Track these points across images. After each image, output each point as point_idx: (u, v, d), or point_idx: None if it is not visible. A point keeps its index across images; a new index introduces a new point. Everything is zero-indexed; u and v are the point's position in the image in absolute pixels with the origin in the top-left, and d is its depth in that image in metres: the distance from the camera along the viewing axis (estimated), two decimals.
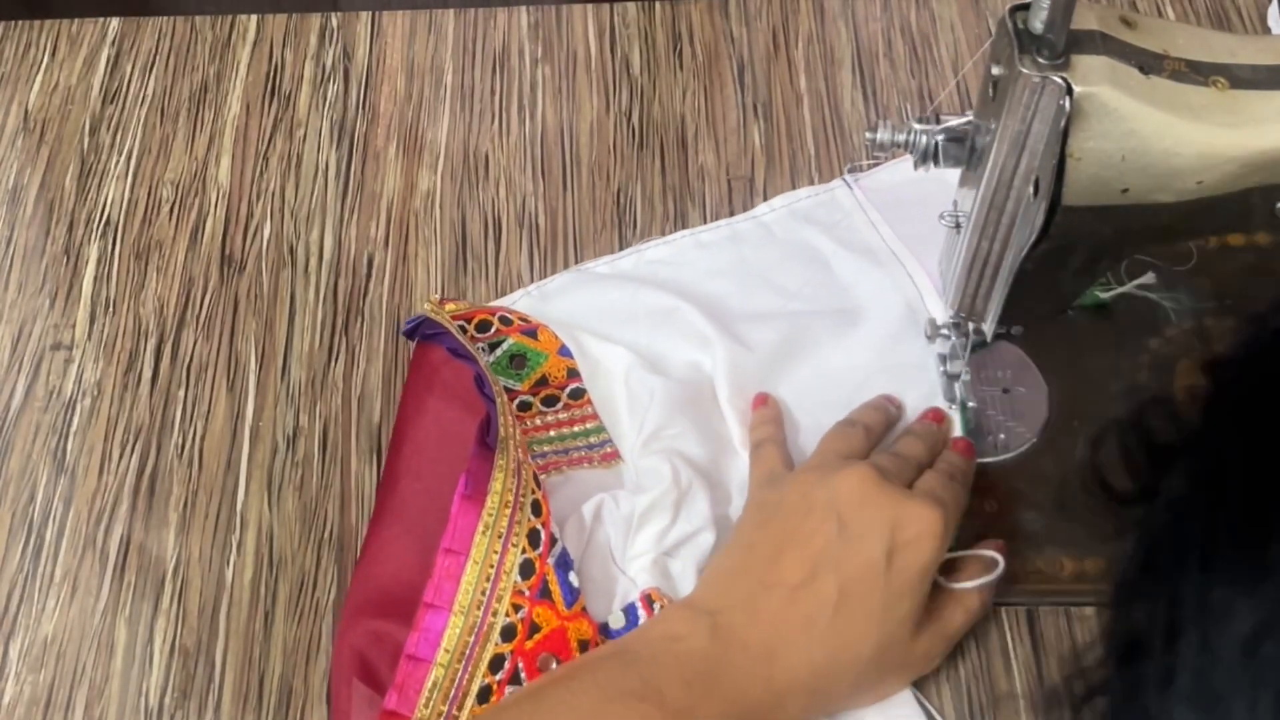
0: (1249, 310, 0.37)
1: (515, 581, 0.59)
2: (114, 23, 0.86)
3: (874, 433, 0.64)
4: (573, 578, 0.60)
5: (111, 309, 0.74)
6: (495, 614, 0.59)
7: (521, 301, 0.72)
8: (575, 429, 0.68)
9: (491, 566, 0.59)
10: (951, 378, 0.66)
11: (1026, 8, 0.51)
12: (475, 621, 0.58)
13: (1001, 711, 0.61)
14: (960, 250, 0.59)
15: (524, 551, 0.60)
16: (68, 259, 0.76)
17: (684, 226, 0.76)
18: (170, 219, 0.77)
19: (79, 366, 0.72)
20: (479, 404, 0.64)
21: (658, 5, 0.86)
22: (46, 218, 0.78)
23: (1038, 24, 0.51)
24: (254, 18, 0.86)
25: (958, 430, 0.66)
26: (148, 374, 0.72)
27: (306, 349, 0.72)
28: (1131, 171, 0.52)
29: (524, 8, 0.86)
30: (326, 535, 0.66)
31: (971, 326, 0.63)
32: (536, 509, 0.61)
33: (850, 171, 0.76)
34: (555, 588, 0.60)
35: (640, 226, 0.76)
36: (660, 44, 0.84)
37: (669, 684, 0.54)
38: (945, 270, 0.62)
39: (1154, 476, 0.36)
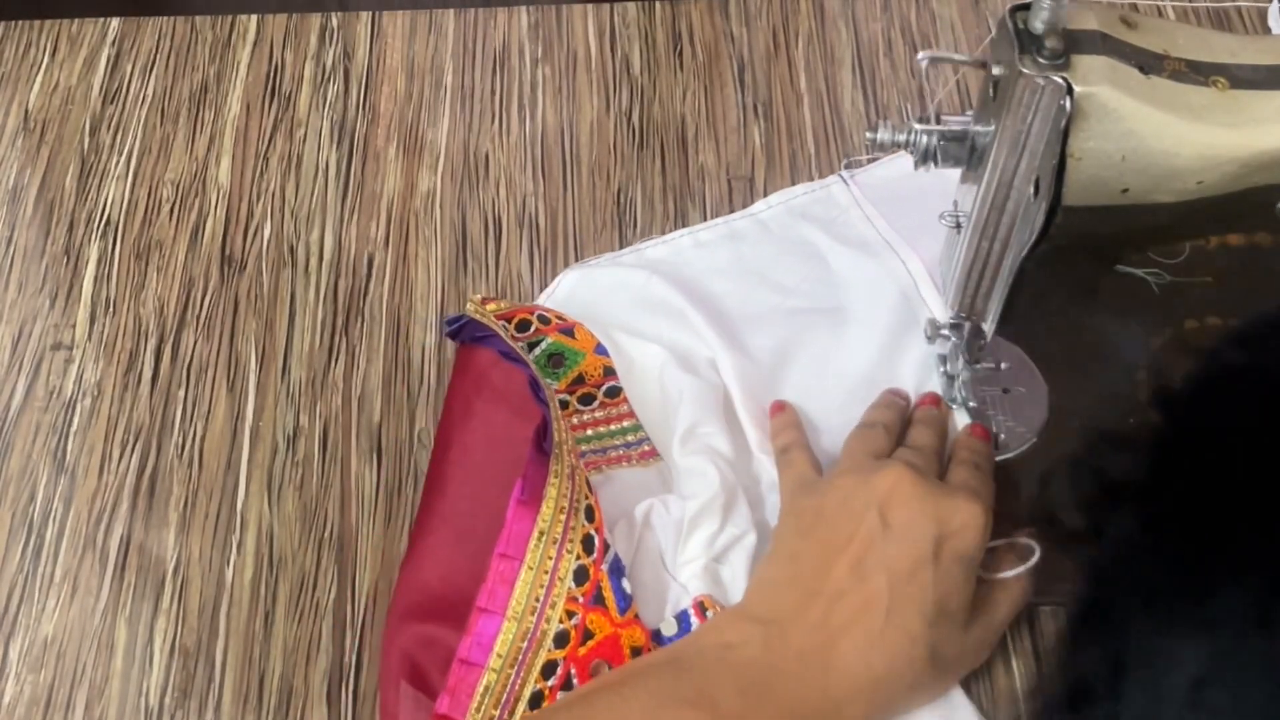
0: (1208, 341, 0.37)
1: (569, 588, 0.59)
2: (114, 23, 0.86)
3: (893, 430, 0.64)
4: (625, 584, 0.60)
5: (111, 309, 0.74)
6: (549, 620, 0.58)
7: (547, 303, 0.72)
8: (612, 427, 0.67)
9: (546, 573, 0.59)
10: (951, 378, 0.66)
11: (1026, 8, 0.51)
12: (529, 627, 0.58)
13: (1001, 711, 0.61)
14: (960, 250, 0.59)
15: (578, 558, 0.59)
16: (68, 259, 0.76)
17: (684, 226, 0.76)
18: (170, 219, 0.77)
19: (79, 366, 0.72)
20: (529, 408, 0.64)
21: (658, 5, 0.86)
22: (46, 218, 0.78)
23: (1038, 24, 0.51)
24: (254, 18, 0.86)
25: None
26: (148, 374, 0.72)
27: (306, 349, 0.72)
28: (1131, 172, 0.52)
29: (524, 8, 0.86)
30: (327, 535, 0.66)
31: (972, 326, 0.63)
32: (590, 514, 0.61)
33: (848, 167, 0.77)
34: (609, 594, 0.59)
35: (640, 226, 0.76)
36: (660, 44, 0.84)
37: (722, 692, 0.54)
38: (945, 270, 0.62)
39: (1103, 516, 0.36)
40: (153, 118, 0.82)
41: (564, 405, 0.68)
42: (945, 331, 0.65)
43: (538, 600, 0.58)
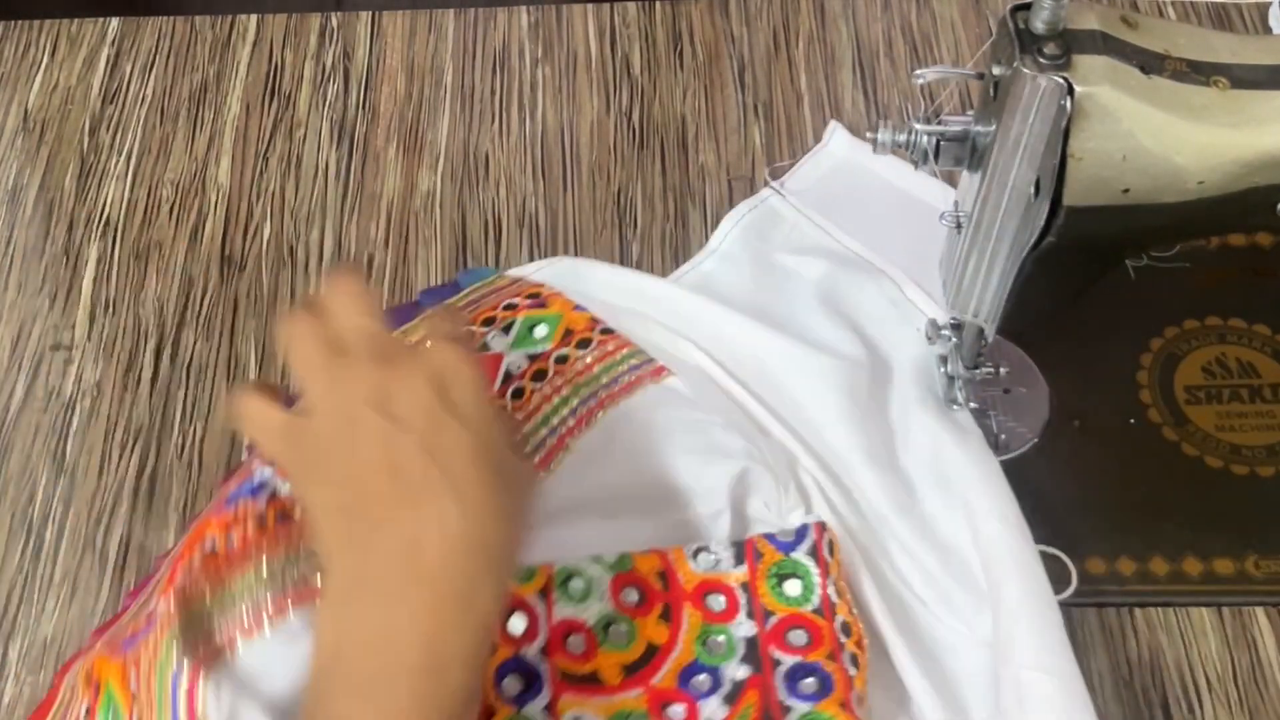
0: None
1: None
2: (114, 23, 0.86)
3: None
4: None
5: (111, 309, 0.74)
6: None
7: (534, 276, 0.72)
8: (618, 355, 0.67)
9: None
10: (952, 379, 0.66)
11: (1027, 8, 0.51)
12: None
13: None
14: (960, 250, 0.59)
15: None
16: (68, 259, 0.76)
17: (684, 226, 0.76)
18: (170, 219, 0.77)
19: (79, 366, 0.72)
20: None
21: (658, 5, 0.86)
22: (46, 218, 0.78)
23: (1038, 24, 0.51)
24: (254, 18, 0.86)
25: (969, 424, 0.66)
26: (148, 374, 0.72)
27: None
28: (1132, 172, 0.52)
29: (524, 8, 0.86)
30: None
31: (972, 327, 0.63)
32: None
33: (773, 175, 0.76)
34: None
35: (640, 226, 0.76)
36: (660, 44, 0.84)
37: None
38: (945, 270, 0.62)
39: None
40: (152, 118, 0.82)
41: (564, 360, 0.67)
42: (945, 332, 0.65)
43: None
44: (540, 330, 0.68)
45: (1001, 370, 0.67)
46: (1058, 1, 0.50)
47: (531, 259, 0.75)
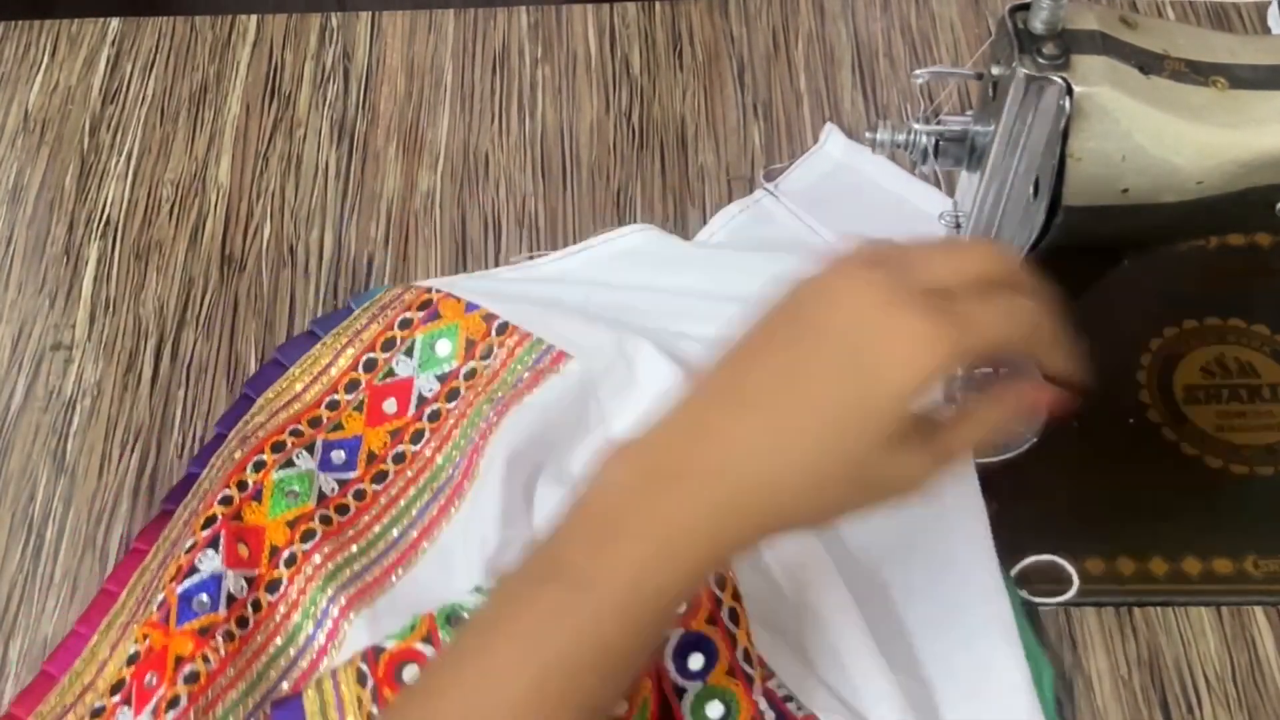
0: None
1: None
2: (114, 23, 0.86)
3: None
4: (202, 596, 0.59)
5: (111, 309, 0.74)
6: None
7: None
8: (518, 354, 0.67)
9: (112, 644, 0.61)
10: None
11: (1026, 8, 0.51)
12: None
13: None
14: None
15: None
16: (68, 259, 0.76)
17: (684, 226, 0.76)
18: (170, 219, 0.77)
19: (79, 366, 0.72)
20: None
21: (658, 5, 0.86)
22: (46, 218, 0.78)
23: (1038, 24, 0.51)
24: (254, 18, 0.86)
25: None
26: (148, 374, 0.72)
27: None
28: (1131, 172, 0.52)
29: (524, 8, 0.86)
30: None
31: None
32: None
33: (768, 178, 0.76)
34: (174, 610, 0.59)
35: None
36: (660, 44, 0.84)
37: (570, 553, 0.45)
38: None
39: None
40: (153, 118, 0.82)
41: (470, 374, 0.68)
42: None
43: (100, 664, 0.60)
44: (443, 347, 0.69)
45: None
46: (1057, 2, 0.50)
47: (531, 259, 0.75)
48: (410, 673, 0.58)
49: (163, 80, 0.83)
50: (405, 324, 0.69)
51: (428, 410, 0.67)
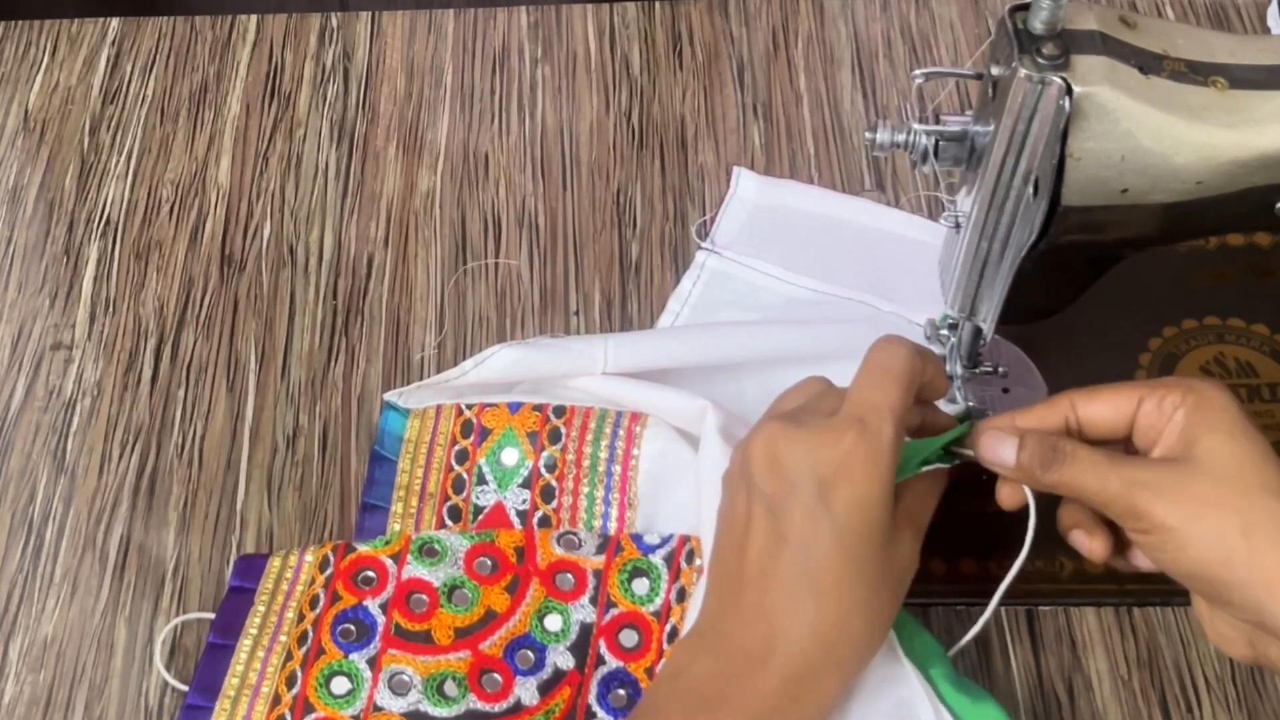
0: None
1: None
2: (114, 23, 0.86)
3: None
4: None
5: (111, 309, 0.74)
6: None
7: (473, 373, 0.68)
8: (590, 426, 0.66)
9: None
10: (951, 378, 0.66)
11: (1026, 8, 0.51)
12: None
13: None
14: (960, 250, 0.59)
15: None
16: (68, 259, 0.76)
17: (683, 226, 0.76)
18: (170, 219, 0.78)
19: (79, 366, 0.72)
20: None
21: (658, 5, 0.86)
22: (46, 218, 0.78)
23: (1037, 24, 0.51)
24: (254, 18, 0.86)
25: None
26: (148, 374, 0.72)
27: (306, 349, 0.72)
28: (1131, 172, 0.52)
29: (524, 8, 0.86)
30: (326, 535, 0.66)
31: (971, 327, 0.63)
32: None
33: (699, 235, 0.75)
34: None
35: (639, 226, 0.76)
36: (660, 44, 0.84)
37: None
38: (945, 270, 0.62)
39: None
40: (153, 118, 0.82)
41: (550, 464, 0.65)
42: (944, 332, 0.65)
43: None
44: (509, 456, 0.66)
45: (1000, 369, 0.67)
46: (1056, 2, 0.50)
47: (531, 259, 0.75)
48: (365, 578, 0.61)
49: (163, 80, 0.83)
50: (462, 458, 0.66)
51: (535, 519, 0.64)
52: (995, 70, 0.53)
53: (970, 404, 0.66)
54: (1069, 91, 0.50)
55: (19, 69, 0.84)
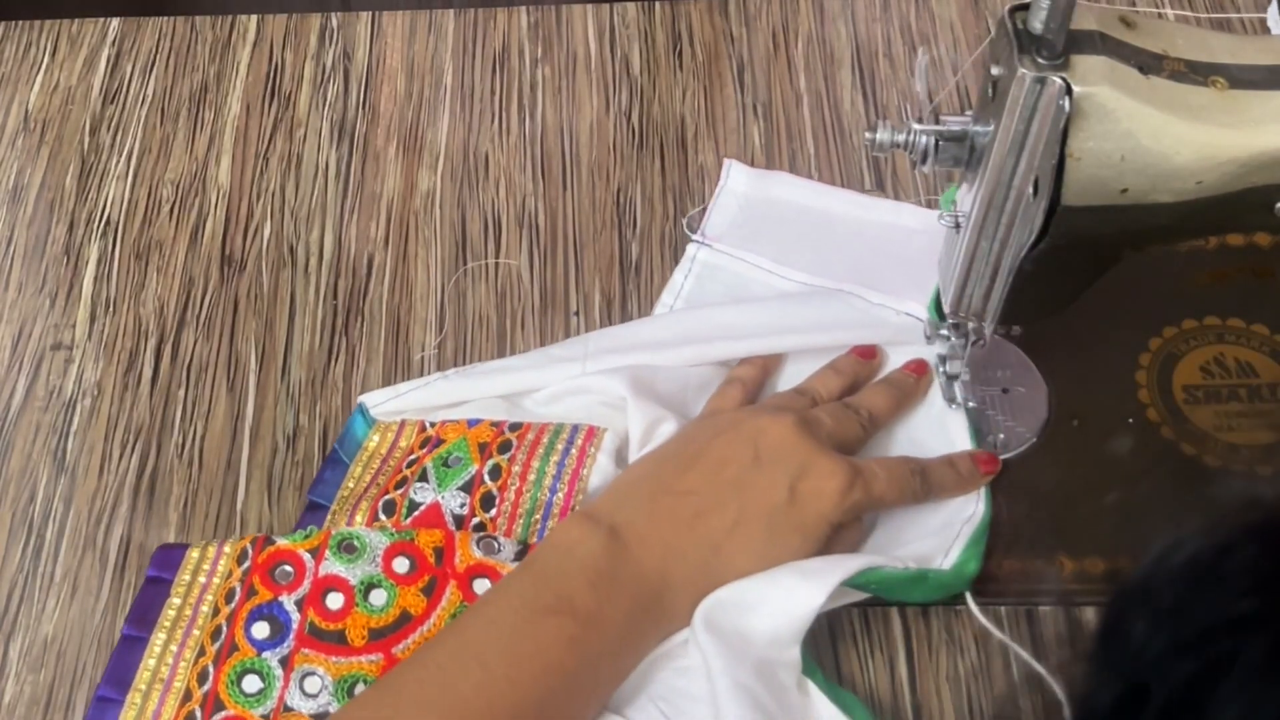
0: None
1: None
2: (114, 23, 0.86)
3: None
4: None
5: (111, 309, 0.74)
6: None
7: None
8: (544, 439, 0.65)
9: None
10: (951, 378, 0.66)
11: (1026, 8, 0.51)
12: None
13: (1001, 711, 0.61)
14: (960, 250, 0.59)
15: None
16: (68, 259, 0.76)
17: (683, 226, 0.76)
18: (170, 219, 0.78)
19: (79, 366, 0.72)
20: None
21: (658, 5, 0.86)
22: (46, 218, 0.78)
23: (1037, 24, 0.51)
24: (254, 18, 0.86)
25: (960, 432, 0.66)
26: (148, 374, 0.72)
27: (306, 349, 0.72)
28: (1131, 172, 0.52)
29: (524, 8, 0.86)
30: None
31: (971, 326, 0.63)
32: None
33: (690, 228, 0.75)
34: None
35: (640, 226, 0.76)
36: (660, 44, 0.84)
37: (577, 591, 0.56)
38: (945, 270, 0.62)
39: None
40: (153, 118, 0.82)
41: (495, 471, 0.64)
42: (944, 332, 0.65)
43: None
44: (454, 461, 0.65)
45: (1000, 369, 0.67)
46: (1056, 2, 0.50)
47: (531, 259, 0.75)
48: (283, 572, 0.61)
49: (163, 80, 0.83)
50: (413, 464, 0.66)
51: (472, 526, 0.63)
52: (995, 70, 0.53)
53: (970, 404, 0.66)
54: (1069, 91, 0.50)
55: (19, 69, 0.84)
